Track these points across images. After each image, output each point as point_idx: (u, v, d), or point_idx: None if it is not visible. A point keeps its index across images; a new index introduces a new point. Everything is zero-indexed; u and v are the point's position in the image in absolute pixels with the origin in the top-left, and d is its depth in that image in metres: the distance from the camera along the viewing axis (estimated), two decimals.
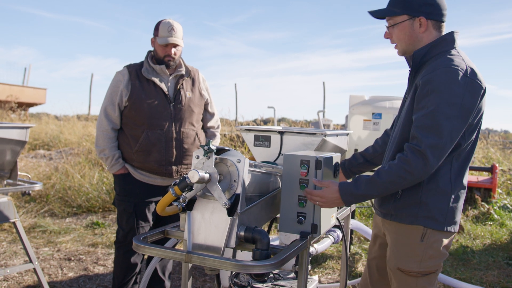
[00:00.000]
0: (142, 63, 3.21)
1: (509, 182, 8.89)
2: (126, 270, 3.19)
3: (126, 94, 3.09)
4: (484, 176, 8.36)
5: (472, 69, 1.88)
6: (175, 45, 3.14)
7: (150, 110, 3.07)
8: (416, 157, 1.83)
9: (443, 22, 2.03)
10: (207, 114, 3.43)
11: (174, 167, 3.14)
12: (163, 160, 3.10)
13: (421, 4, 1.96)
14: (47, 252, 4.92)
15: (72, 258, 4.72)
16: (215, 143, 3.39)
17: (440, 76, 1.84)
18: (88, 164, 7.93)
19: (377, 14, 2.09)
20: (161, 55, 3.14)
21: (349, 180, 2.18)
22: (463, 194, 2.04)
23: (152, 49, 3.25)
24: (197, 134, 3.28)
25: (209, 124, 3.45)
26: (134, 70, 3.15)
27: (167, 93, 3.14)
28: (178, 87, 3.19)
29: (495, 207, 7.23)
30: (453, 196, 1.99)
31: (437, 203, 1.96)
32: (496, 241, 5.81)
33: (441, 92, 1.82)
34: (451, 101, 1.81)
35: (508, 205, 7.59)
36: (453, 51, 1.95)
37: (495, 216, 6.90)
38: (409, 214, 2.00)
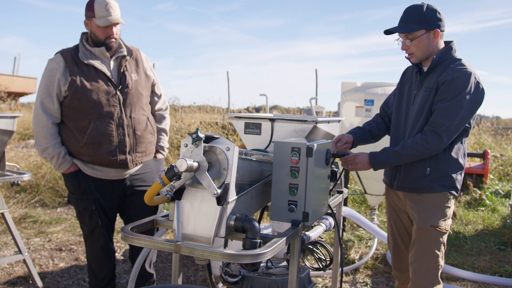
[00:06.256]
0: (76, 47, 2.90)
1: (500, 167, 8.93)
2: (100, 264, 3.06)
3: (65, 83, 2.78)
4: (476, 162, 8.39)
5: (477, 76, 2.41)
6: (115, 24, 2.86)
7: (96, 98, 2.80)
8: (435, 138, 2.35)
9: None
10: (154, 96, 3.18)
11: (129, 157, 2.91)
12: (116, 150, 2.86)
13: (435, 20, 2.43)
14: (38, 242, 4.88)
15: (63, 248, 4.68)
16: (165, 125, 3.22)
17: (459, 78, 2.35)
18: None
19: (400, 31, 2.45)
20: (102, 37, 2.85)
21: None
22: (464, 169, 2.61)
23: (86, 31, 2.95)
24: (148, 118, 3.05)
25: (157, 107, 3.20)
26: (70, 56, 2.83)
27: (110, 77, 2.87)
28: (122, 70, 2.92)
29: (487, 193, 7.26)
30: (463, 169, 2.56)
31: (457, 176, 2.51)
32: (488, 227, 5.83)
33: (461, 90, 2.34)
34: (466, 98, 2.34)
35: (500, 191, 7.63)
36: (462, 60, 2.45)
37: (487, 201, 6.93)
38: (440, 185, 2.47)
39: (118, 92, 2.87)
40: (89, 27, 2.87)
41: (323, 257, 2.53)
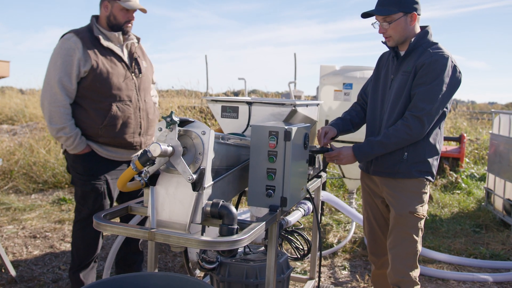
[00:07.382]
0: (89, 29, 2.91)
1: (476, 151, 9.08)
2: (89, 248, 3.01)
3: (84, 64, 2.78)
4: (452, 146, 8.50)
5: (453, 59, 2.42)
6: (135, 10, 2.96)
7: (117, 81, 2.86)
8: (416, 123, 2.35)
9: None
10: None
11: (142, 139, 3.03)
12: (134, 133, 2.96)
13: (412, 3, 2.42)
14: (11, 230, 4.76)
15: (38, 236, 4.58)
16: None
17: (437, 62, 2.36)
18: (54, 139, 7.69)
19: (378, 13, 2.42)
20: (122, 21, 2.91)
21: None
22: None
23: (96, 14, 2.99)
24: (154, 103, 3.21)
25: (152, 93, 3.30)
26: (87, 37, 2.84)
27: (127, 62, 2.96)
28: (134, 56, 3.01)
29: (463, 176, 7.38)
30: (439, 155, 2.57)
31: (433, 161, 2.52)
32: (463, 209, 5.93)
33: (439, 73, 2.35)
34: (445, 81, 2.36)
35: (475, 174, 7.76)
36: (439, 44, 2.46)
37: (463, 185, 7.04)
38: (416, 170, 2.47)
39: (134, 77, 2.97)
40: (109, 9, 2.90)
41: (300, 246, 2.51)
